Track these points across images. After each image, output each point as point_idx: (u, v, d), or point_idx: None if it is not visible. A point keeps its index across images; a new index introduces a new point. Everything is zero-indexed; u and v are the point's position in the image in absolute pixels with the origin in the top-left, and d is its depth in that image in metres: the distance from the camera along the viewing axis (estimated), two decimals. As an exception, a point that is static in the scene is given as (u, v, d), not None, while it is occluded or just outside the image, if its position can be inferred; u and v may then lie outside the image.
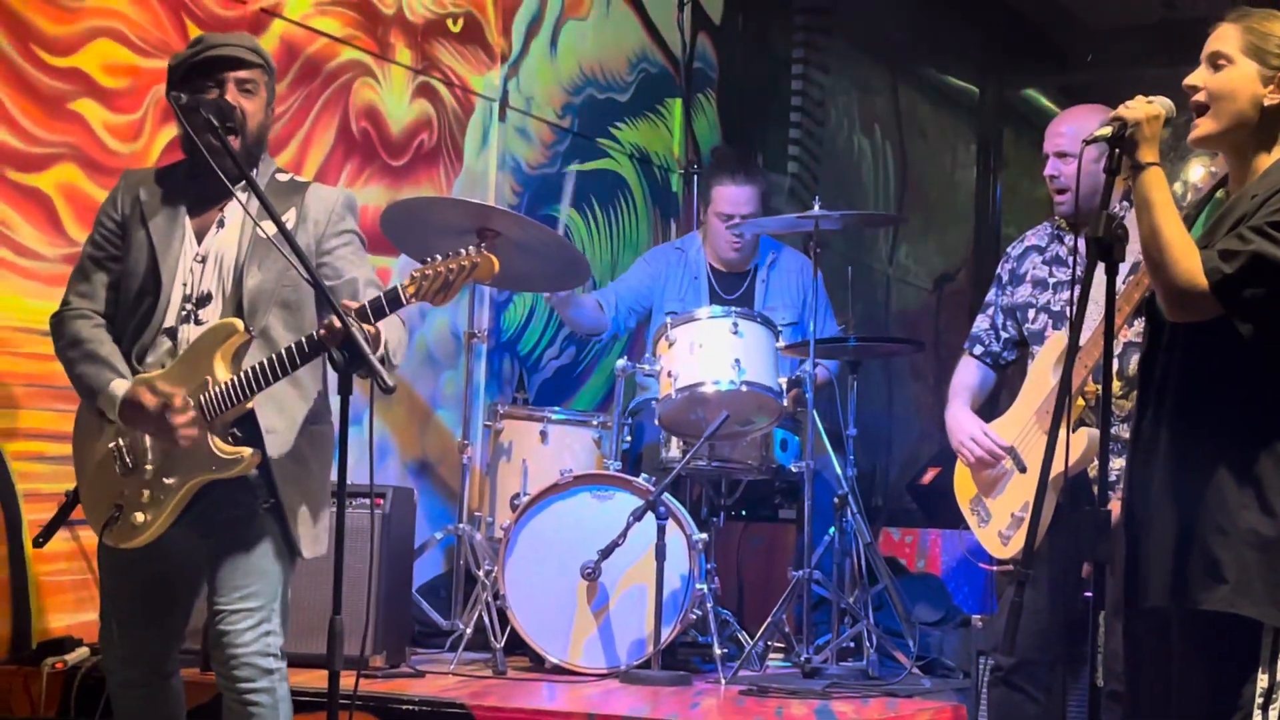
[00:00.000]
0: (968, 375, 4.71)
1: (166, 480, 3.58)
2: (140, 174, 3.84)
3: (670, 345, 5.28)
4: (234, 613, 3.57)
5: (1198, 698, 3.28)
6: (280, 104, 5.52)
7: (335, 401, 3.56)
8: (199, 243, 3.69)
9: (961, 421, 4.55)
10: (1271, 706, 3.18)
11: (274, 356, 3.53)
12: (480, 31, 6.56)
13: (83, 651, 4.64)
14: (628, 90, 7.50)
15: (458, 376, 6.27)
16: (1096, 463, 3.47)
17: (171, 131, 5.00)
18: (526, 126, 6.84)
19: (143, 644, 3.73)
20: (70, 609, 4.81)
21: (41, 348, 4.59)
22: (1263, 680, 3.18)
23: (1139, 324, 4.30)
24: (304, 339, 3.52)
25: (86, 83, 4.89)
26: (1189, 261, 3.17)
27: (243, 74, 3.66)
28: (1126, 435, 4.29)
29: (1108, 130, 3.25)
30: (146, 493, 3.58)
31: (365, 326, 3.44)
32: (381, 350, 3.52)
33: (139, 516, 3.58)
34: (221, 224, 3.71)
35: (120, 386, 3.57)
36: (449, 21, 6.38)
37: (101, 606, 3.76)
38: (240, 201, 3.65)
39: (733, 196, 6.11)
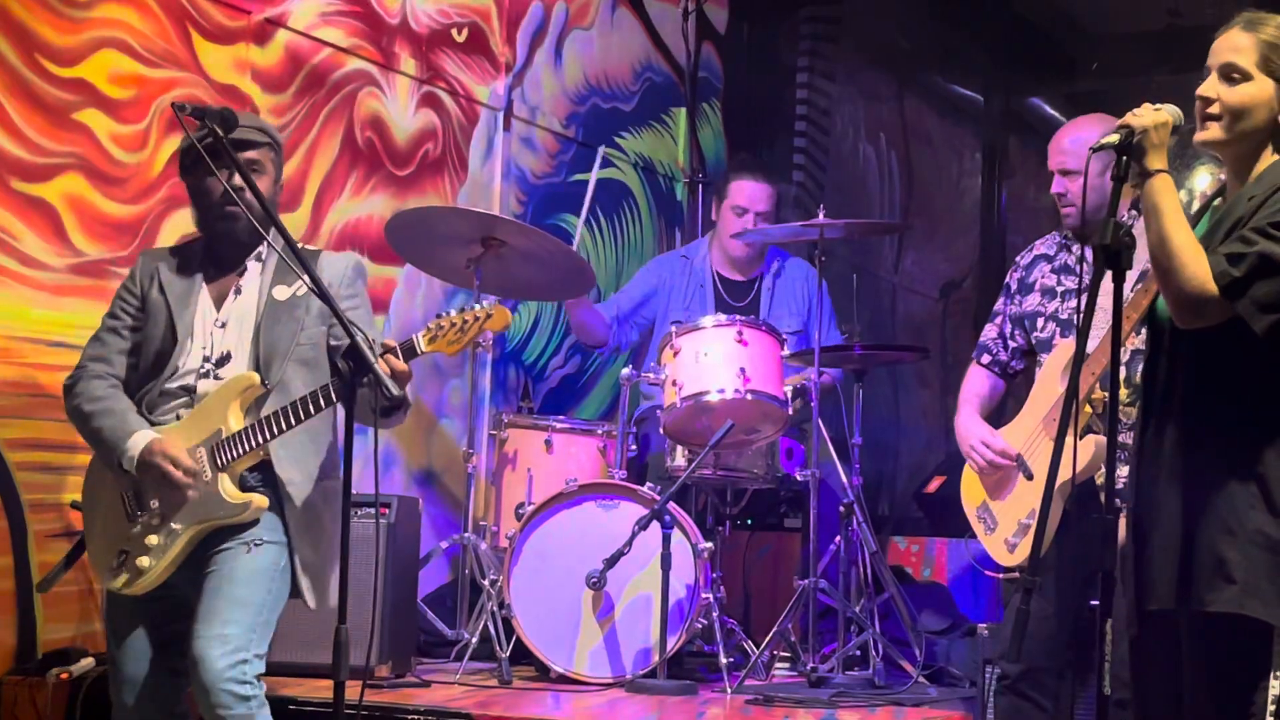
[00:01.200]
0: (976, 383, 4.71)
1: (174, 525, 3.65)
2: (157, 252, 4.00)
3: (675, 354, 5.28)
4: (210, 638, 3.57)
5: (1207, 703, 3.27)
6: (285, 114, 5.54)
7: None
8: (218, 309, 3.83)
9: (970, 428, 4.55)
10: None
11: (289, 406, 3.64)
12: (485, 41, 6.56)
13: (88, 662, 4.64)
14: (632, 100, 7.50)
15: (463, 385, 6.26)
16: (1104, 470, 3.46)
17: (176, 142, 5.00)
18: (531, 136, 6.84)
19: (154, 687, 3.78)
20: (76, 619, 4.80)
21: (46, 358, 4.61)
22: (1275, 686, 3.17)
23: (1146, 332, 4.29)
24: (319, 389, 3.63)
25: (91, 93, 4.89)
26: (1198, 267, 3.17)
27: (251, 155, 3.79)
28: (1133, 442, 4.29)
29: (1115, 138, 3.25)
30: (153, 538, 3.66)
31: (398, 365, 3.58)
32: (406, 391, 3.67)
33: (144, 561, 3.64)
34: (239, 291, 3.85)
35: (141, 439, 3.67)
36: (453, 31, 6.39)
37: (108, 651, 3.79)
38: (259, 254, 3.82)
39: (750, 190, 6.13)
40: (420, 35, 6.19)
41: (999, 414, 4.68)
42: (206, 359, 3.78)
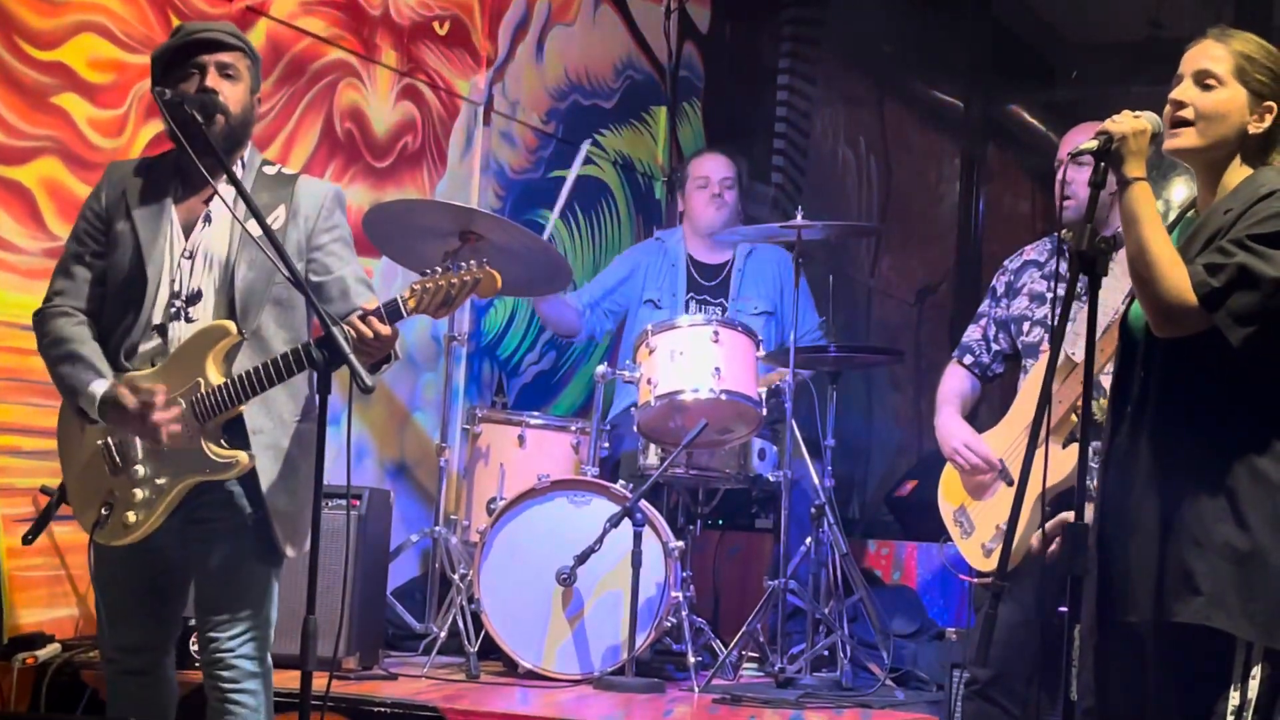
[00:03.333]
0: (956, 383, 4.70)
1: (159, 481, 3.57)
2: (124, 165, 3.82)
3: (650, 352, 5.28)
4: (221, 623, 3.59)
5: (1170, 710, 3.28)
6: (265, 103, 5.50)
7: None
8: (186, 237, 3.67)
9: (953, 429, 4.53)
10: None
11: (269, 364, 3.53)
12: (466, 34, 6.55)
13: (54, 648, 4.63)
14: (613, 97, 7.50)
15: (437, 379, 6.26)
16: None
17: (155, 128, 4.99)
18: (511, 131, 6.84)
19: (143, 635, 3.73)
20: (43, 605, 4.78)
21: (19, 342, 4.58)
22: (1234, 697, 3.18)
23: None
24: (301, 347, 3.51)
25: (70, 77, 4.87)
26: (1176, 276, 3.18)
27: (223, 57, 3.63)
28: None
29: (1094, 144, 3.26)
30: (138, 492, 3.57)
31: (382, 328, 3.47)
32: (393, 351, 3.55)
33: (130, 516, 3.57)
34: (209, 219, 3.69)
35: (100, 386, 3.55)
36: (435, 24, 6.38)
37: (96, 600, 3.75)
38: (225, 202, 3.63)
39: (709, 162, 6.24)
40: (402, 27, 6.18)
41: (971, 418, 4.68)
42: (175, 294, 3.63)
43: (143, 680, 3.75)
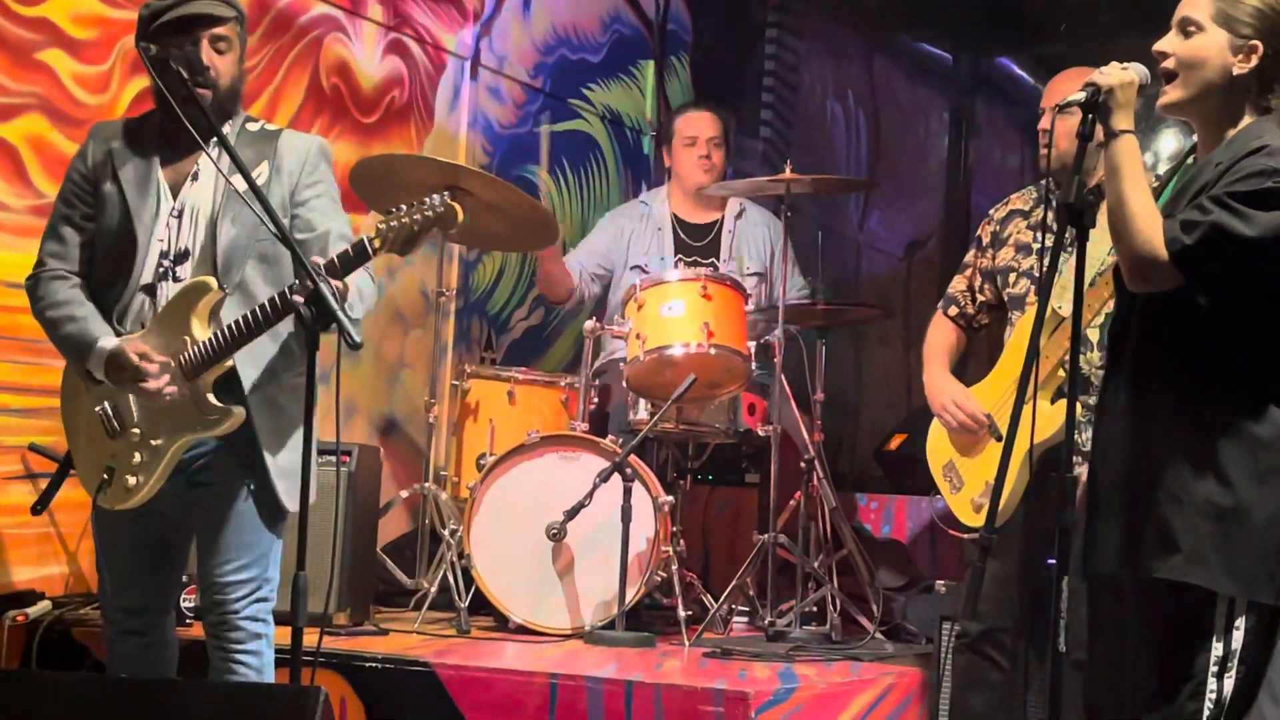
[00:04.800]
0: (942, 336, 4.69)
1: (155, 442, 3.58)
2: (110, 126, 3.80)
3: (640, 307, 5.28)
4: (228, 584, 3.61)
5: (1148, 664, 3.30)
6: (250, 58, 5.43)
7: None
8: (174, 197, 3.66)
9: (942, 385, 4.53)
10: (1226, 675, 3.20)
11: (251, 313, 3.51)
12: (453, -11, 6.52)
13: (45, 605, 4.63)
14: (600, 51, 7.46)
15: (426, 335, 6.25)
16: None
17: (140, 83, 4.96)
18: (498, 86, 6.81)
19: (145, 597, 3.75)
20: (33, 563, 4.78)
21: (7, 299, 4.56)
22: (1217, 648, 3.20)
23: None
24: (278, 295, 3.49)
25: (54, 33, 4.84)
26: (1152, 231, 3.17)
27: (218, 30, 3.62)
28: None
29: (1081, 95, 3.25)
30: (136, 455, 3.59)
31: (334, 282, 3.41)
32: (350, 302, 3.51)
33: (130, 480, 3.58)
34: (196, 176, 3.68)
35: (110, 342, 3.56)
36: (424, -21, 6.34)
37: (97, 561, 3.77)
38: (211, 158, 3.62)
39: (693, 119, 6.21)
40: (388, -19, 6.14)
41: (959, 372, 4.68)
42: (164, 254, 3.62)
43: (144, 641, 3.77)
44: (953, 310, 4.69)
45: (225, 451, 3.61)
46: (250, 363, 3.60)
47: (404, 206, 3.52)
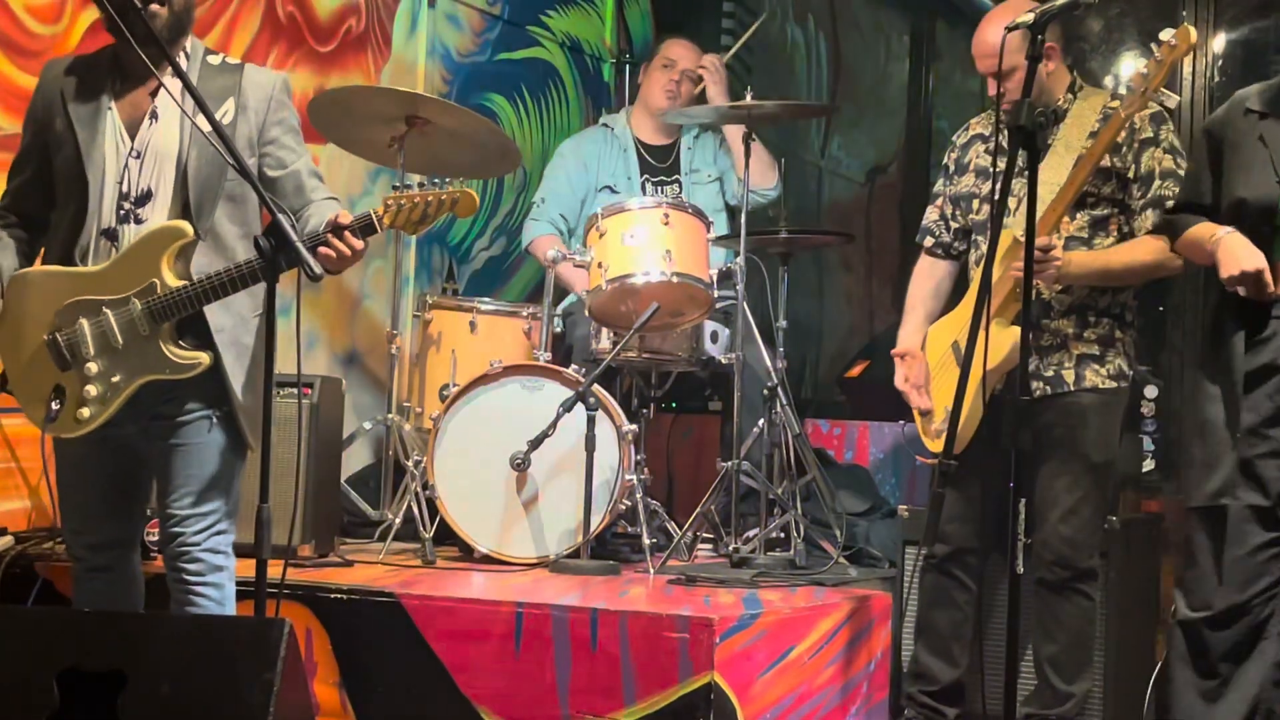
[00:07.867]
0: (924, 280, 4.71)
1: (114, 379, 3.56)
2: (59, 64, 3.76)
3: (601, 236, 5.26)
4: (187, 517, 3.61)
5: None
6: (204, -13, 5.42)
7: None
8: (132, 137, 3.62)
9: (902, 339, 4.58)
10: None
11: (232, 271, 3.51)
12: (410, -86, 6.44)
13: (7, 540, 4.62)
14: (560, -23, 7.40)
15: (387, 266, 6.22)
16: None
17: (94, 13, 4.89)
18: (456, 13, 6.74)
19: (110, 532, 3.76)
20: (-6, 498, 4.77)
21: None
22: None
23: (1080, 217, 4.31)
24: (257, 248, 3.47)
25: (4, -38, 4.77)
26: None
27: None
28: (1069, 329, 4.33)
29: (1029, 17, 3.31)
30: (92, 388, 3.56)
31: (355, 243, 3.50)
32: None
33: (85, 411, 3.57)
34: (155, 115, 3.64)
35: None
36: (377, -96, 6.26)
37: (60, 497, 3.75)
38: (173, 96, 3.58)
39: (681, 47, 6.28)
40: (343, -93, 6.07)
41: (955, 298, 4.68)
42: (124, 196, 3.60)
43: (110, 576, 3.77)
44: (929, 241, 4.70)
45: (190, 385, 3.60)
46: (219, 305, 3.59)
47: (417, 185, 3.57)
